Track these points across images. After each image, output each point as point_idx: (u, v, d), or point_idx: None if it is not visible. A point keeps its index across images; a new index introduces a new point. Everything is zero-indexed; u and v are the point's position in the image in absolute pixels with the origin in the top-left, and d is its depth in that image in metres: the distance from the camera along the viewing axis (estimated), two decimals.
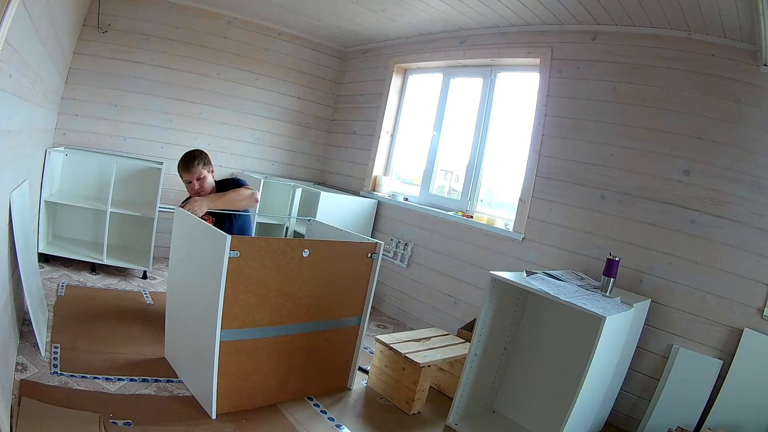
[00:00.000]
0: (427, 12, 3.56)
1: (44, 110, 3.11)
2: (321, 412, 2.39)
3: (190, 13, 4.23)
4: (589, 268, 2.90)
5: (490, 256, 3.44)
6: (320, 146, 5.11)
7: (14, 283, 2.20)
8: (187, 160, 2.80)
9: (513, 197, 3.48)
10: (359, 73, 4.86)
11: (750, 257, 2.46)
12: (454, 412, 2.45)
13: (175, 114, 4.33)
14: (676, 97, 2.74)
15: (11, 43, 1.69)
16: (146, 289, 3.57)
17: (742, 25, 2.39)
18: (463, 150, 3.90)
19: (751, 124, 2.52)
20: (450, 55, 3.94)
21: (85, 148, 3.94)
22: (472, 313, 3.32)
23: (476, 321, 2.44)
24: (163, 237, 3.73)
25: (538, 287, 2.24)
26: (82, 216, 3.92)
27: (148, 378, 2.33)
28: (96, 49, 3.91)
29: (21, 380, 2.03)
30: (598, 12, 2.89)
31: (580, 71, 3.13)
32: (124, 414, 1.98)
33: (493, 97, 3.76)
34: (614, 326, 2.12)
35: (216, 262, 2.03)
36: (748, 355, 2.39)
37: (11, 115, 2.00)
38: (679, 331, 2.62)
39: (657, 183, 2.77)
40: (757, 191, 2.48)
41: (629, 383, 2.71)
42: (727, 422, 2.35)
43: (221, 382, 2.11)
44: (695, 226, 2.63)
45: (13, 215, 2.07)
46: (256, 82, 4.63)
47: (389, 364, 2.62)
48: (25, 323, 2.46)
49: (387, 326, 3.83)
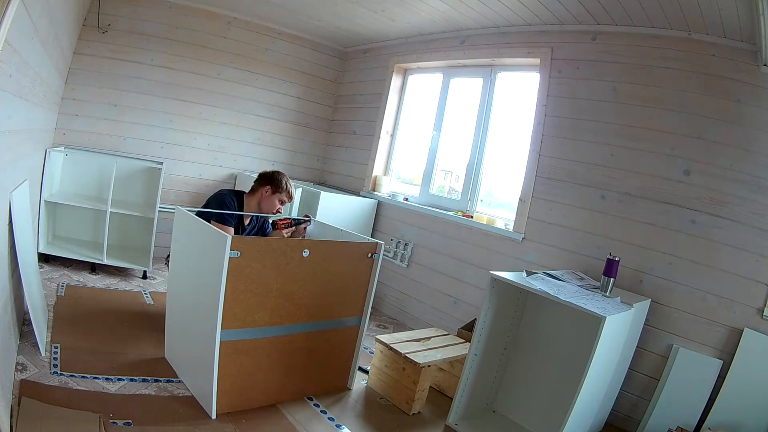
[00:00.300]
0: (427, 12, 3.56)
1: (44, 110, 3.11)
2: (321, 412, 2.39)
3: (190, 13, 4.23)
4: (589, 268, 2.90)
5: (490, 256, 3.44)
6: (320, 146, 5.11)
7: (14, 283, 2.20)
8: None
9: (513, 197, 3.48)
10: (359, 73, 4.86)
11: (750, 257, 2.46)
12: (454, 412, 2.45)
13: (175, 114, 4.33)
14: (676, 97, 2.74)
15: (11, 43, 1.69)
16: (146, 289, 3.57)
17: (742, 25, 2.39)
18: (463, 150, 3.90)
19: (751, 124, 2.52)
20: (450, 55, 3.94)
21: (85, 148, 3.94)
22: (472, 313, 3.32)
23: (476, 321, 2.44)
24: (163, 237, 3.73)
25: (538, 287, 2.24)
26: (82, 216, 3.92)
27: (148, 378, 2.33)
28: (96, 49, 3.91)
29: (21, 380, 2.03)
30: (598, 12, 2.89)
31: (580, 71, 3.13)
32: (124, 414, 1.98)
33: (493, 97, 3.76)
34: (614, 326, 2.12)
35: (216, 262, 2.03)
36: (748, 355, 2.39)
37: (11, 115, 2.00)
38: (679, 331, 2.62)
39: (657, 183, 2.76)
40: (757, 191, 2.48)
41: (629, 383, 2.71)
42: (727, 422, 2.35)
43: (221, 382, 2.11)
44: (695, 226, 2.63)
45: (13, 215, 2.07)
46: (256, 82, 4.63)
47: (389, 364, 2.62)
48: (25, 323, 2.46)
49: (387, 326, 3.83)
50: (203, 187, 4.56)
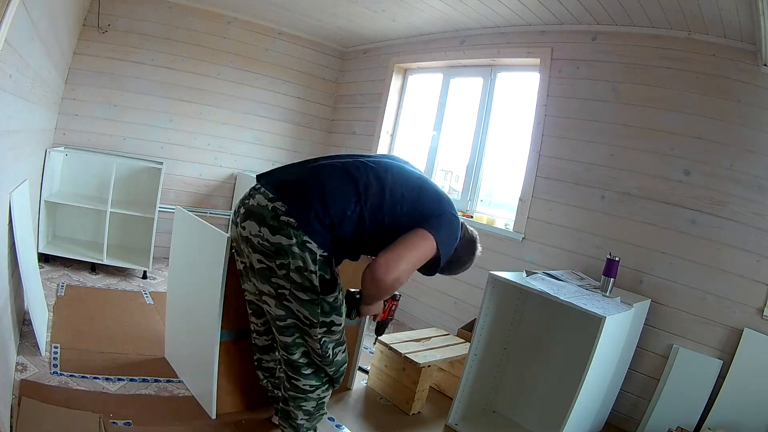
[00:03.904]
0: (427, 12, 3.56)
1: (44, 110, 3.11)
2: None
3: (190, 13, 4.22)
4: (589, 268, 2.90)
5: (490, 256, 3.43)
6: (320, 146, 5.10)
7: (14, 283, 2.20)
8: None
9: (513, 197, 3.48)
10: (359, 73, 4.86)
11: (750, 257, 2.46)
12: (454, 412, 2.45)
13: (175, 114, 4.33)
14: (676, 97, 2.74)
15: (11, 43, 1.69)
16: (146, 289, 3.57)
17: (742, 25, 2.39)
18: (463, 150, 3.90)
19: (751, 124, 2.52)
20: (450, 55, 3.94)
21: (85, 148, 3.94)
22: (472, 313, 3.32)
23: (476, 321, 2.44)
24: (163, 237, 3.72)
25: (538, 287, 2.24)
26: (82, 216, 3.91)
27: (148, 378, 2.33)
28: (96, 49, 3.91)
29: (21, 380, 2.03)
30: (598, 12, 2.89)
31: (580, 71, 3.13)
32: (124, 414, 1.98)
33: (493, 97, 3.76)
34: (614, 326, 2.12)
35: (216, 262, 2.03)
36: (748, 355, 2.39)
37: (11, 115, 2.00)
38: (679, 331, 2.62)
39: (657, 183, 2.76)
40: (757, 191, 2.48)
41: (629, 383, 2.71)
42: (727, 422, 2.35)
43: (221, 382, 2.10)
44: (695, 226, 2.63)
45: (13, 215, 2.07)
46: (256, 82, 4.63)
47: (389, 364, 2.62)
48: (25, 323, 2.46)
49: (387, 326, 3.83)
50: (203, 187, 4.56)
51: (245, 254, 1.73)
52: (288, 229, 1.57)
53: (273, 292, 1.66)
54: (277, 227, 1.59)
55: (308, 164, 1.80)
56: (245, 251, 1.72)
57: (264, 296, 1.71)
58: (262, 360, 2.09)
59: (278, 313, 1.70)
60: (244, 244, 1.71)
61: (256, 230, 1.62)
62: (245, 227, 1.67)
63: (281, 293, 1.65)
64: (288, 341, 1.74)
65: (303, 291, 1.63)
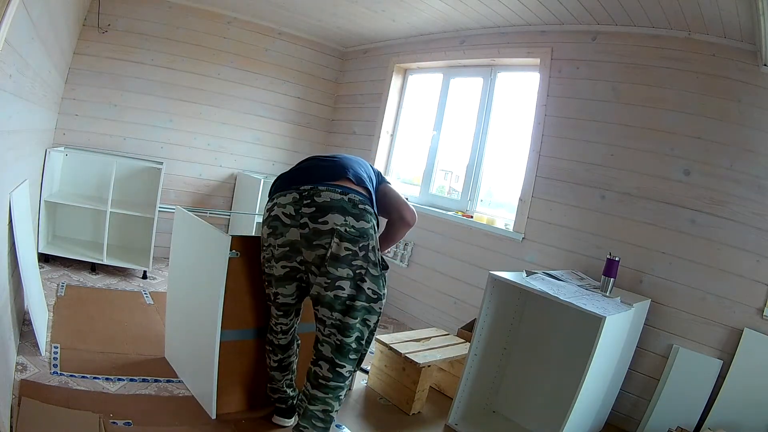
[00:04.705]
0: (427, 12, 3.56)
1: (44, 110, 3.11)
2: None
3: (190, 13, 4.23)
4: (589, 268, 2.90)
5: (490, 256, 3.44)
6: (320, 146, 5.10)
7: (14, 283, 2.20)
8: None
9: (513, 197, 3.48)
10: (359, 73, 4.86)
11: (750, 257, 2.46)
12: (454, 412, 2.45)
13: (175, 114, 4.33)
14: (676, 97, 2.74)
15: (11, 43, 1.69)
16: (146, 289, 3.57)
17: (742, 25, 2.39)
18: (463, 150, 3.90)
19: (751, 124, 2.52)
20: (450, 55, 3.94)
21: (85, 148, 3.94)
22: (472, 313, 3.32)
23: (476, 321, 2.44)
24: (163, 237, 3.73)
25: (538, 287, 2.24)
26: (82, 216, 3.92)
27: (148, 378, 2.33)
28: (96, 49, 3.91)
29: (21, 380, 2.03)
30: (598, 12, 2.89)
31: (580, 71, 3.13)
32: (124, 414, 1.98)
33: (493, 97, 3.76)
34: (614, 326, 2.12)
35: (216, 262, 2.03)
36: (748, 355, 2.39)
37: (11, 115, 2.00)
38: (679, 331, 2.62)
39: (657, 183, 2.76)
40: (757, 191, 2.48)
41: (629, 383, 2.71)
42: (727, 422, 2.35)
43: (221, 382, 2.10)
44: (695, 226, 2.63)
45: (13, 215, 2.07)
46: (256, 82, 4.63)
47: (389, 364, 2.62)
48: (25, 323, 2.46)
49: (387, 326, 3.83)
50: (203, 187, 4.56)
51: (304, 253, 1.87)
52: (367, 215, 1.89)
53: (351, 274, 1.85)
54: (358, 214, 1.87)
55: (326, 161, 2.05)
56: (311, 249, 1.84)
57: (338, 281, 1.84)
58: (283, 360, 2.14)
59: (351, 294, 1.86)
60: (325, 237, 1.82)
61: (341, 221, 1.83)
62: (327, 221, 1.82)
63: (359, 273, 1.86)
64: (351, 322, 1.87)
65: (375, 267, 1.90)
